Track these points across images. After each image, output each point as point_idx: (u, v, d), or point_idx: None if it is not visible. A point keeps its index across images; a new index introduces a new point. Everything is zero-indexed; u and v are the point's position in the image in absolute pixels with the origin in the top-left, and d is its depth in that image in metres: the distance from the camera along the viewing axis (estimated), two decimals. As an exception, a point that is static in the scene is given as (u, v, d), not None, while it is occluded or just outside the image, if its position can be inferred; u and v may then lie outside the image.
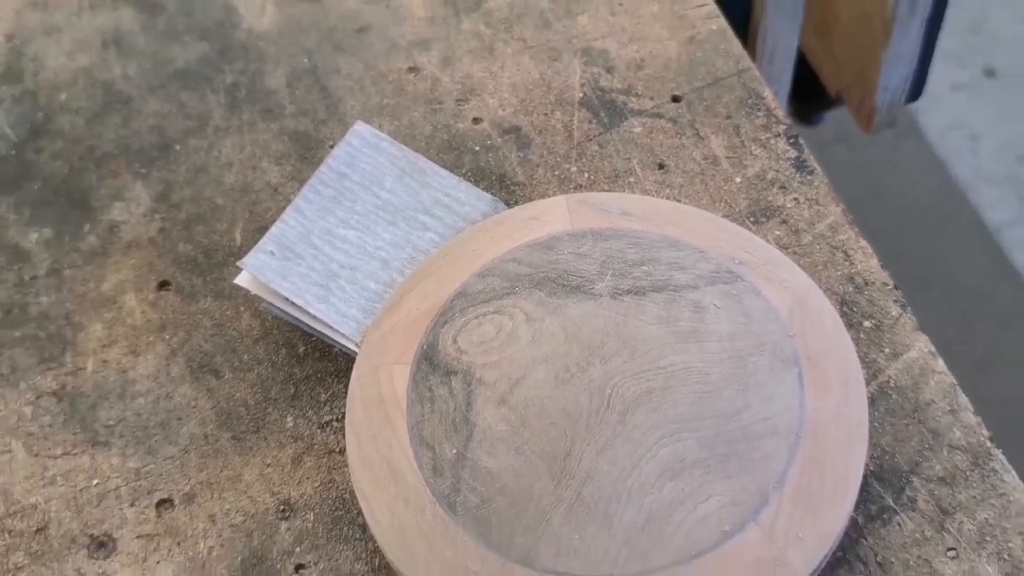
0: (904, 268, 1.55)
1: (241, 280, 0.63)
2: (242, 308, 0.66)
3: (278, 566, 0.58)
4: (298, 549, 0.59)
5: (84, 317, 0.66)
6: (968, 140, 1.76)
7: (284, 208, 0.65)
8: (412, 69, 0.75)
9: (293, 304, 0.62)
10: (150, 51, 0.77)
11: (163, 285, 0.67)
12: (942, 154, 1.73)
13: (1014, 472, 0.59)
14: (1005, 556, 0.56)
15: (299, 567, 0.58)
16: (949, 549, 0.57)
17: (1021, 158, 1.73)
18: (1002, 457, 0.59)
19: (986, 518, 0.57)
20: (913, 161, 1.73)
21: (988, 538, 0.57)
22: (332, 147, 0.69)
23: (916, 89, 0.90)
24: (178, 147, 0.73)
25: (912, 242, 1.64)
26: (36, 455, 0.62)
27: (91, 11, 0.79)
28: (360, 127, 0.68)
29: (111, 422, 0.63)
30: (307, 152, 0.72)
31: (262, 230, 0.66)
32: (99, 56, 0.77)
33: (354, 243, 0.64)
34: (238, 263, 0.64)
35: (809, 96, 0.94)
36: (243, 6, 0.79)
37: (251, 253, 0.63)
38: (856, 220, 0.67)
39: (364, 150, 0.67)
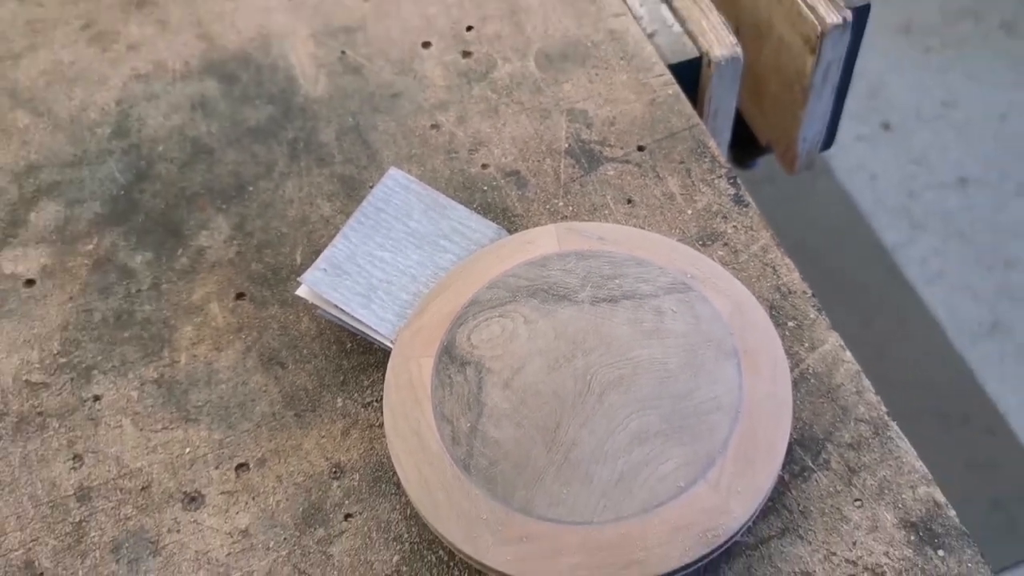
0: (819, 279, 1.56)
1: (301, 292, 0.64)
2: (302, 314, 0.67)
3: (331, 515, 0.59)
4: (347, 502, 0.59)
5: (178, 321, 0.67)
6: (868, 179, 1.76)
7: (334, 236, 0.66)
8: (434, 126, 0.76)
9: (341, 311, 0.63)
10: (228, 113, 0.78)
11: (240, 296, 0.68)
12: (848, 190, 1.74)
13: (906, 440, 0.59)
14: (899, 505, 0.57)
15: (347, 516, 0.59)
16: (855, 500, 0.57)
17: (910, 193, 1.74)
18: (897, 428, 0.60)
19: (884, 475, 0.58)
20: (826, 196, 1.74)
21: (886, 491, 0.57)
22: (371, 187, 0.70)
23: (828, 140, 0.90)
24: (251, 188, 0.73)
25: (825, 259, 1.65)
26: (141, 430, 0.63)
27: (183, 81, 0.79)
28: (394, 172, 0.68)
29: (200, 403, 0.63)
30: (352, 192, 0.72)
31: (317, 253, 0.67)
32: (189, 117, 0.77)
33: (389, 263, 0.64)
34: (299, 279, 0.64)
35: (745, 145, 0.94)
36: (301, 77, 0.79)
37: (309, 271, 0.64)
38: (781, 242, 0.68)
39: (397, 190, 0.67)
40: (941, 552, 0.55)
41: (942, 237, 1.69)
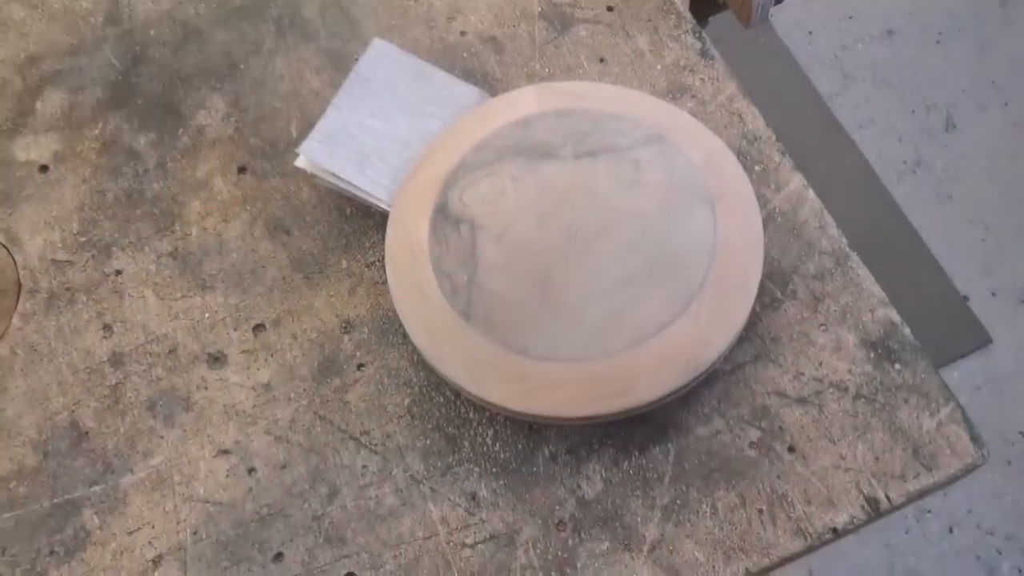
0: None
1: (299, 163, 0.59)
2: (302, 183, 0.62)
3: (344, 366, 0.56)
4: (358, 353, 0.56)
5: (186, 197, 0.62)
6: (806, 35, 1.69)
7: (326, 108, 0.61)
8: (412, -3, 0.69)
9: (339, 178, 0.58)
10: (214, -6, 0.70)
11: (242, 170, 0.63)
12: (788, 46, 1.67)
13: (866, 268, 0.56)
14: (859, 327, 0.55)
15: (360, 366, 0.56)
16: (821, 324, 0.55)
17: (842, 47, 1.67)
18: (856, 257, 0.57)
19: (846, 302, 0.55)
20: (768, 52, 1.66)
21: (848, 315, 0.55)
22: (357, 59, 0.64)
23: (779, -6, 0.84)
24: (242, 66, 0.67)
25: (769, 110, 1.59)
26: (163, 299, 0.59)
27: (166, -34, 0.72)
28: (377, 42, 0.62)
29: (214, 272, 0.59)
30: (339, 65, 0.66)
31: (311, 125, 0.61)
32: (176, 0, 0.70)
33: (380, 130, 0.59)
34: (296, 150, 0.59)
35: (703, 2, 0.87)
36: (281, -45, 0.72)
37: (304, 142, 0.59)
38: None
39: (381, 60, 0.61)
40: (898, 366, 0.53)
41: (871, 85, 1.63)
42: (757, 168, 0.60)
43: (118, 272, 0.60)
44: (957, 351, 1.40)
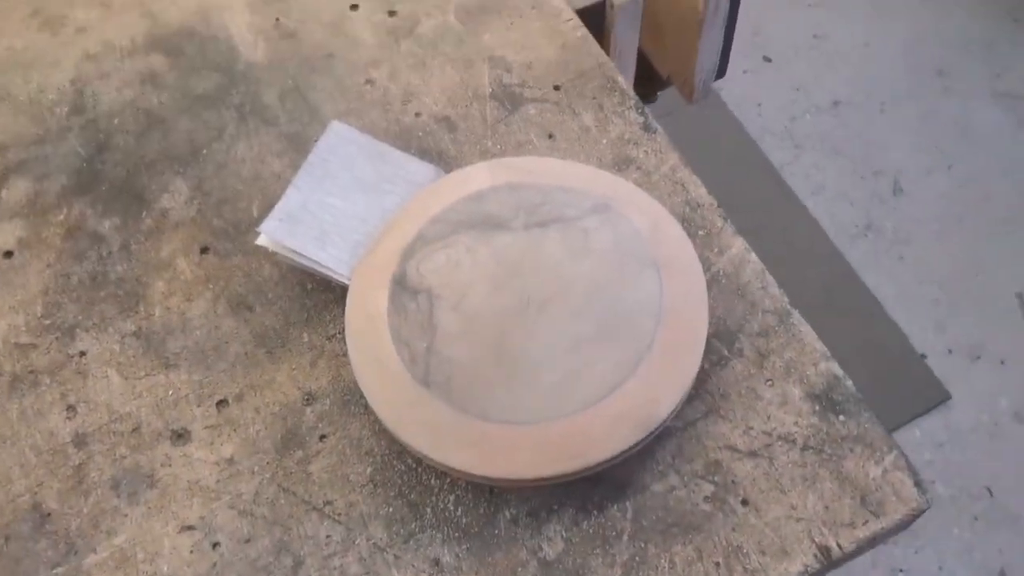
0: (713, 192, 1.56)
1: (260, 241, 0.62)
2: (264, 261, 0.64)
3: (307, 438, 0.57)
4: (320, 425, 0.58)
5: (149, 278, 0.64)
6: (755, 107, 1.77)
7: (286, 189, 0.63)
8: (368, 81, 0.73)
9: (300, 254, 0.60)
10: (177, 84, 0.73)
11: (204, 250, 0.65)
12: (738, 118, 1.74)
13: (807, 324, 0.59)
14: (804, 381, 0.57)
15: (322, 437, 0.57)
16: (767, 380, 0.58)
17: (792, 117, 1.75)
18: (798, 314, 0.60)
19: (790, 357, 0.58)
20: (719, 125, 1.74)
21: (792, 370, 0.58)
22: (316, 141, 0.67)
23: (721, 69, 0.89)
24: (205, 151, 0.70)
25: (722, 180, 1.65)
26: (127, 378, 0.60)
27: (131, 58, 0.75)
28: (335, 124, 0.65)
29: (177, 350, 0.61)
30: (299, 147, 0.69)
31: (272, 206, 0.64)
32: (140, 90, 0.73)
33: (339, 208, 0.62)
34: (257, 229, 0.62)
35: (647, 81, 0.93)
36: (241, 45, 0.75)
37: (265, 221, 0.61)
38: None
39: (339, 141, 0.65)
40: (842, 417, 0.56)
41: (821, 154, 1.70)
42: (701, 233, 0.63)
43: (82, 353, 0.61)
44: (918, 408, 1.43)
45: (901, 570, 1.32)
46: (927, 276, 1.56)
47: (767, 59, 1.83)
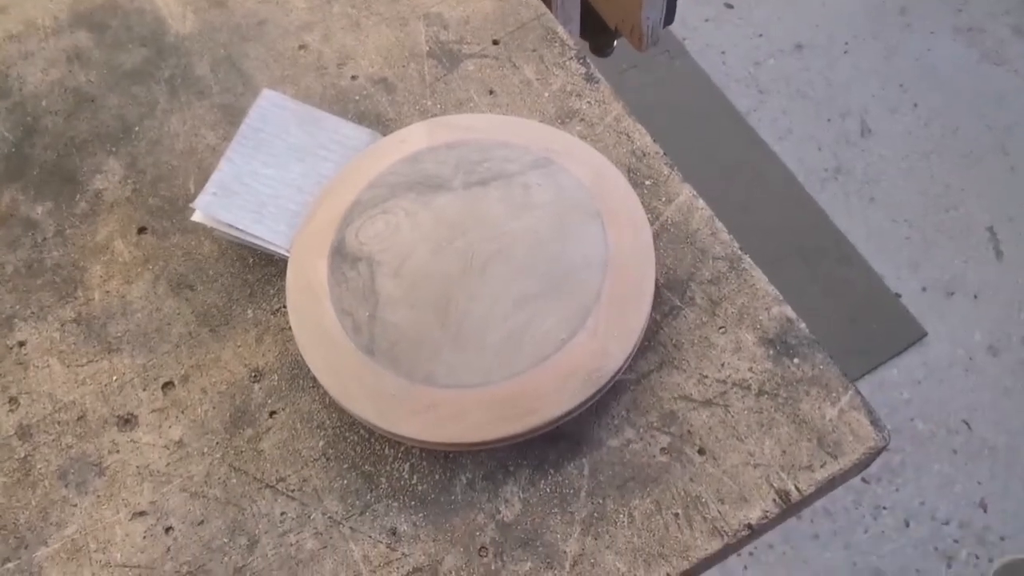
0: (681, 142, 1.55)
1: (196, 217, 0.60)
2: (203, 238, 0.63)
3: (256, 415, 0.56)
4: (269, 401, 0.57)
5: (86, 262, 0.63)
6: (719, 55, 1.75)
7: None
8: (302, 46, 0.71)
9: (236, 228, 0.59)
10: (104, 60, 0.71)
11: (142, 230, 0.64)
12: (702, 67, 1.72)
13: (759, 269, 0.59)
14: (757, 326, 0.57)
15: (272, 413, 0.56)
16: (720, 327, 0.57)
17: (755, 63, 1.73)
18: (749, 260, 0.59)
19: (742, 302, 0.58)
20: (684, 75, 1.72)
21: (745, 316, 0.57)
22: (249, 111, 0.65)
23: (669, 16, 0.87)
24: (137, 128, 0.68)
25: (690, 130, 1.63)
26: (68, 366, 0.59)
27: (55, 36, 0.73)
28: (267, 92, 0.64)
29: (119, 334, 0.60)
30: (234, 118, 0.67)
31: (208, 179, 0.62)
32: (66, 69, 0.71)
33: (274, 178, 0.61)
34: (191, 205, 0.60)
35: (596, 31, 0.91)
36: (169, 17, 0.73)
37: (199, 196, 0.60)
38: (646, 116, 0.65)
39: (272, 109, 0.63)
40: (796, 360, 0.55)
41: (786, 98, 1.69)
42: (647, 183, 0.62)
43: (21, 344, 0.60)
44: (895, 347, 1.44)
45: (884, 507, 1.33)
46: (898, 215, 1.56)
47: (728, 5, 1.81)
